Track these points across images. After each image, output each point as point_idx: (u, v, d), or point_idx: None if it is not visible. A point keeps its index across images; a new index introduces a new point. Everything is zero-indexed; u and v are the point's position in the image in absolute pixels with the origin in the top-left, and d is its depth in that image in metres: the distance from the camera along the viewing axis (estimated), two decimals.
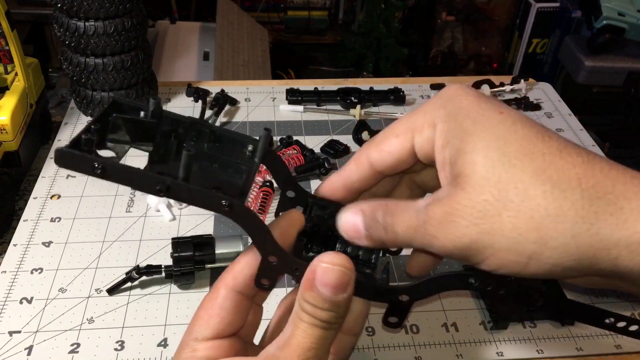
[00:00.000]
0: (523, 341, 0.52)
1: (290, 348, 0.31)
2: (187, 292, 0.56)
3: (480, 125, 0.31)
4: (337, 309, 0.32)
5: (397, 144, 0.35)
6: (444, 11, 2.28)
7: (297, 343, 0.31)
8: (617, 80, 1.66)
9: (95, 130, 0.35)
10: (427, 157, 0.35)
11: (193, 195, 0.33)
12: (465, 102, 0.33)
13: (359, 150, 0.37)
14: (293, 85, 0.85)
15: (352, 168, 0.37)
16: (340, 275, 0.32)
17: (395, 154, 0.35)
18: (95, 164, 0.32)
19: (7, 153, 0.67)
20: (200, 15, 2.20)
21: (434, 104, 0.34)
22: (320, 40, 2.46)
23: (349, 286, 0.32)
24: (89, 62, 0.72)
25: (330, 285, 0.32)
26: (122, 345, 0.51)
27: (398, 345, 0.51)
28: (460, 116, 0.32)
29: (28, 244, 0.59)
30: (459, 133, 0.32)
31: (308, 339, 0.32)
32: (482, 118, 0.32)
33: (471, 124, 0.32)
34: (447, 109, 0.33)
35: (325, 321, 0.32)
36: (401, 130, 0.35)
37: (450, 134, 0.32)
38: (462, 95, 0.33)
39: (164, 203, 0.64)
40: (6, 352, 0.50)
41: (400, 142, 0.35)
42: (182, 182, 0.32)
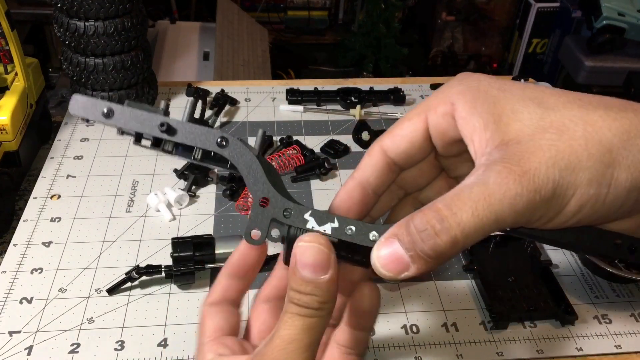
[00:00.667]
0: (523, 341, 0.52)
1: (273, 342, 0.30)
2: (187, 292, 0.56)
3: (509, 92, 0.32)
4: (320, 292, 0.30)
5: (410, 125, 0.35)
6: (444, 11, 2.28)
7: (280, 336, 0.30)
8: (617, 80, 1.66)
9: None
10: (442, 135, 0.34)
11: (192, 132, 0.35)
12: (482, 78, 0.33)
13: (372, 145, 0.37)
14: (293, 85, 0.85)
15: (366, 161, 0.36)
16: (317, 252, 0.30)
17: (408, 136, 0.35)
18: (105, 109, 0.34)
19: (7, 153, 0.67)
20: (200, 15, 2.20)
21: (447, 85, 0.34)
22: (320, 40, 2.46)
23: (329, 267, 0.30)
24: (89, 62, 0.72)
25: (308, 265, 0.30)
26: (122, 345, 0.51)
27: (398, 345, 0.51)
28: (483, 87, 0.32)
29: (28, 244, 0.59)
30: (488, 100, 0.31)
31: (291, 329, 0.30)
32: (506, 86, 0.32)
33: (498, 91, 0.32)
34: (464, 84, 0.33)
35: (309, 307, 0.30)
36: (414, 113, 0.35)
37: (476, 102, 0.32)
38: (476, 74, 0.34)
39: (164, 203, 0.64)
40: (6, 352, 0.50)
41: (413, 123, 0.35)
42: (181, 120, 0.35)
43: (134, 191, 0.67)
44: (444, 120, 0.33)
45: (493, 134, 0.31)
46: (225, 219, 0.64)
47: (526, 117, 0.30)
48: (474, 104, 0.32)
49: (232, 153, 0.34)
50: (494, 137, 0.31)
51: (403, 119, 0.36)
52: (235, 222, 0.63)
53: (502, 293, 0.55)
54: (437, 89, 0.35)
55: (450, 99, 0.33)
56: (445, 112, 0.33)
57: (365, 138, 0.74)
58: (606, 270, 0.56)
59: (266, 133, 0.38)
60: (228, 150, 0.34)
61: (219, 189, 0.68)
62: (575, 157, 0.29)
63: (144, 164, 0.71)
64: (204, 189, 0.68)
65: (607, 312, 0.55)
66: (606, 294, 0.57)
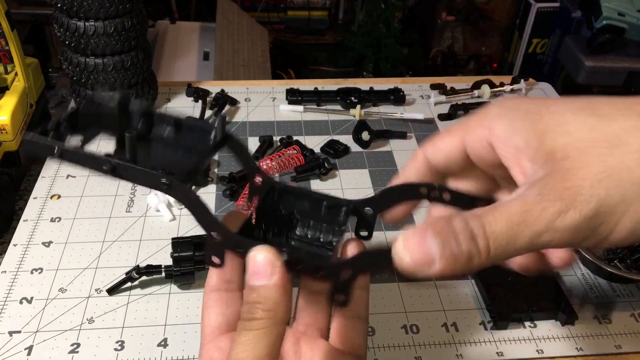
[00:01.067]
0: (523, 341, 0.52)
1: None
2: (187, 292, 0.56)
3: (554, 105, 0.30)
4: (264, 299, 0.29)
5: (449, 140, 0.35)
6: (444, 11, 2.28)
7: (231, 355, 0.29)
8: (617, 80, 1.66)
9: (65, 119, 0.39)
10: (480, 159, 0.33)
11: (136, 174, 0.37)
12: (521, 99, 0.32)
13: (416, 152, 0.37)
14: (293, 85, 0.85)
15: (410, 165, 0.37)
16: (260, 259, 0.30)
17: (446, 150, 0.35)
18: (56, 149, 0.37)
19: (7, 153, 0.67)
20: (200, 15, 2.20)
21: (486, 107, 0.33)
22: (320, 40, 2.46)
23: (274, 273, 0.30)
24: (89, 62, 0.72)
25: (255, 272, 0.30)
26: (122, 345, 0.51)
27: (398, 345, 0.51)
28: (523, 106, 0.31)
29: (28, 244, 0.60)
30: (529, 118, 0.30)
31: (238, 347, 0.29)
32: (550, 101, 0.31)
33: (540, 107, 0.30)
34: (503, 106, 0.32)
35: (256, 318, 0.29)
36: (455, 130, 0.35)
37: (515, 123, 0.30)
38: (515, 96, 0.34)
39: (164, 203, 0.64)
40: (6, 352, 0.50)
41: (452, 139, 0.34)
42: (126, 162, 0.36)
43: (134, 191, 0.67)
44: (480, 145, 0.33)
45: (536, 153, 0.29)
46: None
47: (575, 130, 0.29)
48: (513, 124, 0.30)
49: (176, 194, 0.36)
50: (538, 155, 0.29)
51: (445, 133, 0.35)
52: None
53: (501, 293, 0.55)
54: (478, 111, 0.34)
55: (487, 123, 0.32)
56: (481, 136, 0.32)
57: (365, 138, 0.74)
58: (606, 270, 0.56)
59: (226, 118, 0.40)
60: (173, 192, 0.36)
61: (219, 189, 0.68)
62: (627, 172, 0.27)
63: None
64: (204, 189, 0.68)
65: (607, 312, 0.55)
66: (606, 294, 0.57)
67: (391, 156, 0.74)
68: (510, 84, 0.87)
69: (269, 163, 0.69)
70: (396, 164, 0.73)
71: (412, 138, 0.77)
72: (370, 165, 0.72)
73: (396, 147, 0.76)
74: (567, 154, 0.28)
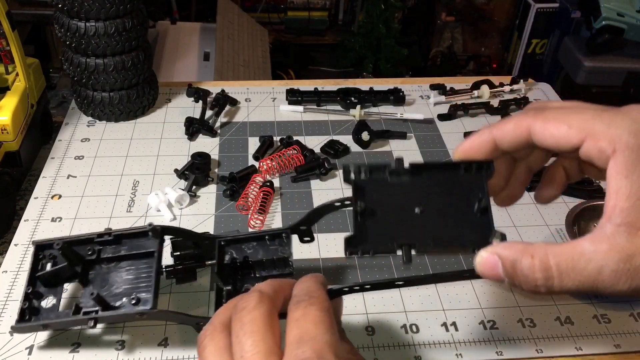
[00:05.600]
0: (522, 340, 0.52)
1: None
2: (188, 292, 0.56)
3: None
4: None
5: (566, 134, 0.35)
6: (443, 11, 2.28)
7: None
8: (617, 80, 1.67)
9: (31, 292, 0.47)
10: (587, 158, 0.35)
11: (116, 319, 0.46)
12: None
13: (524, 115, 0.38)
14: (293, 86, 0.85)
15: (510, 128, 0.38)
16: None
17: (558, 141, 0.36)
18: (41, 326, 0.46)
19: (8, 153, 0.67)
20: (200, 15, 2.20)
21: (623, 123, 0.34)
22: (320, 40, 2.46)
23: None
24: (90, 63, 0.72)
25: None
26: (122, 345, 0.51)
27: (398, 345, 0.52)
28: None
29: (29, 243, 0.60)
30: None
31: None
32: None
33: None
34: (638, 138, 0.33)
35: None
36: (576, 125, 0.35)
37: (636, 167, 0.32)
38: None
39: (165, 203, 0.64)
40: (7, 352, 0.50)
41: (570, 134, 0.35)
42: (102, 313, 0.44)
43: (135, 191, 0.67)
44: (597, 155, 0.34)
45: (629, 210, 0.32)
46: (226, 218, 0.64)
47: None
48: (634, 168, 0.32)
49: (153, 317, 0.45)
50: (629, 214, 0.32)
51: (562, 120, 0.36)
52: (235, 222, 0.63)
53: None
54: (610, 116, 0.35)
55: (615, 144, 0.33)
56: (603, 150, 0.34)
57: (365, 138, 0.74)
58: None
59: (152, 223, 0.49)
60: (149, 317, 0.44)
61: (219, 189, 0.68)
62: None
63: (145, 164, 0.71)
64: (204, 189, 0.68)
65: (606, 312, 0.55)
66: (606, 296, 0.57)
67: (391, 156, 0.74)
68: (509, 84, 0.87)
69: (269, 163, 0.69)
70: None
71: (412, 138, 0.77)
72: None
73: (396, 148, 0.76)
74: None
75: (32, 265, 0.48)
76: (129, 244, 0.48)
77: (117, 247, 0.49)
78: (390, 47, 2.18)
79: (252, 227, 0.62)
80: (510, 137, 0.38)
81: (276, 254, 0.47)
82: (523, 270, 0.33)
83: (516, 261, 0.33)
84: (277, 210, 0.65)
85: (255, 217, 0.63)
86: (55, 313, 0.46)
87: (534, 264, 0.33)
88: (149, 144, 0.74)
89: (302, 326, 0.32)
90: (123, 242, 0.48)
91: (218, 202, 0.66)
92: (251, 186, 0.66)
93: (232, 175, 0.68)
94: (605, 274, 0.31)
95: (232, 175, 0.68)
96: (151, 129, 0.77)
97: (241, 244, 0.48)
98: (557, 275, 0.32)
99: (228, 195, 0.66)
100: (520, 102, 0.83)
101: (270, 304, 0.34)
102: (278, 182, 0.69)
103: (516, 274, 0.33)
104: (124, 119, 0.78)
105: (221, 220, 0.63)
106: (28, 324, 0.45)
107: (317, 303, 0.33)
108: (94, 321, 0.44)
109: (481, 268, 0.35)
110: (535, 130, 0.37)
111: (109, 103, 0.76)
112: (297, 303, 0.34)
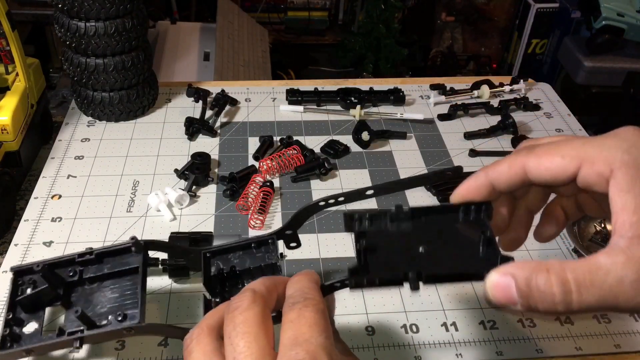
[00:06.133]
0: (522, 340, 0.52)
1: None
2: (187, 292, 0.56)
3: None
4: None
5: (561, 164, 0.36)
6: (443, 11, 2.28)
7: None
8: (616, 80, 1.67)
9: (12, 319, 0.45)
10: (587, 185, 0.35)
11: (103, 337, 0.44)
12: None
13: (516, 154, 0.38)
14: (293, 86, 0.85)
15: (504, 169, 0.38)
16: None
17: (554, 173, 0.36)
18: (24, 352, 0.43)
19: (8, 153, 0.67)
20: (200, 15, 2.20)
21: (614, 143, 0.34)
22: (320, 40, 2.46)
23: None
24: (90, 63, 0.72)
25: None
26: (123, 344, 0.51)
27: (398, 345, 0.52)
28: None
29: (29, 243, 0.60)
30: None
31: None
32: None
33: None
34: (632, 154, 0.33)
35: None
36: (569, 154, 0.35)
37: (637, 182, 0.33)
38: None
39: (165, 203, 0.64)
40: None
41: (564, 164, 0.35)
42: (87, 332, 0.42)
43: (135, 191, 0.67)
44: (596, 180, 0.34)
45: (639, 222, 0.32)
46: (226, 218, 0.64)
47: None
48: (635, 182, 0.33)
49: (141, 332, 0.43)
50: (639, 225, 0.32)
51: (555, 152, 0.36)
52: (235, 222, 0.63)
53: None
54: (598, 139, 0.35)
55: (611, 164, 0.34)
56: (601, 173, 0.34)
57: (365, 138, 0.74)
58: None
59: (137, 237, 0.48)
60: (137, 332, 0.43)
61: (219, 189, 0.68)
62: None
63: (145, 164, 0.71)
64: (204, 189, 0.68)
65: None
66: None
67: (391, 156, 0.74)
68: (509, 84, 0.87)
69: (269, 163, 0.69)
70: (396, 164, 0.73)
71: (412, 138, 0.77)
72: (370, 165, 0.73)
73: (396, 147, 0.76)
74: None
75: (12, 291, 0.46)
76: (112, 262, 0.47)
77: (100, 266, 0.47)
78: (390, 47, 2.18)
79: (252, 227, 0.63)
80: (505, 177, 0.38)
81: (264, 261, 0.46)
82: (539, 287, 0.31)
83: (531, 279, 0.32)
84: (277, 210, 0.65)
85: (255, 217, 0.63)
86: (38, 337, 0.44)
87: (550, 279, 0.31)
88: (149, 144, 0.74)
89: (296, 328, 0.32)
90: (105, 260, 0.47)
91: (218, 202, 0.66)
92: (251, 186, 0.66)
93: (232, 175, 0.68)
94: (626, 284, 0.31)
95: (232, 175, 0.68)
96: (151, 129, 0.77)
97: (227, 254, 0.47)
98: (575, 290, 0.31)
99: (228, 195, 0.66)
100: (521, 102, 0.83)
101: (264, 303, 0.34)
102: (278, 182, 0.69)
103: (531, 293, 0.32)
104: (124, 119, 0.78)
105: (221, 220, 0.63)
106: (9, 350, 0.43)
107: (311, 305, 0.33)
108: (79, 341, 0.42)
109: (493, 292, 0.33)
110: (530, 167, 0.37)
111: (109, 103, 0.76)
112: (292, 305, 0.34)
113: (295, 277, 0.37)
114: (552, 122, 0.81)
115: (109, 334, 0.43)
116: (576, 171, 0.35)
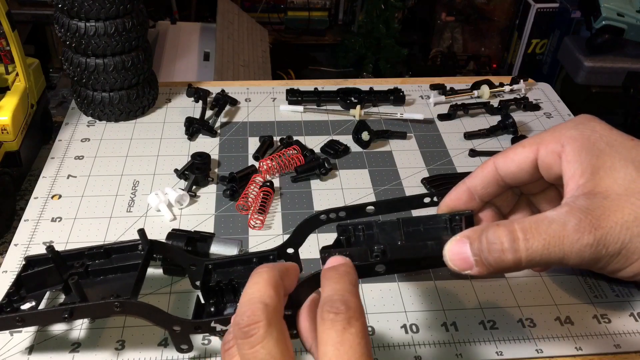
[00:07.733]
0: (522, 340, 0.52)
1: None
2: (187, 292, 0.56)
3: (616, 148, 0.36)
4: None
5: (523, 153, 0.40)
6: (443, 11, 2.28)
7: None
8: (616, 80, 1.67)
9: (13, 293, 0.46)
10: (548, 168, 0.39)
11: (92, 309, 0.44)
12: (598, 127, 0.38)
13: (488, 159, 0.42)
14: (293, 86, 0.85)
15: (478, 172, 0.42)
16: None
17: (519, 162, 0.40)
18: (17, 318, 0.44)
19: (8, 153, 0.67)
20: (200, 15, 2.20)
21: (564, 124, 0.39)
22: (320, 40, 2.46)
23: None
24: (90, 63, 0.72)
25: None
26: (122, 345, 0.51)
27: (398, 345, 0.52)
28: (593, 137, 0.37)
29: (29, 243, 0.60)
30: (593, 151, 0.36)
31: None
32: (615, 142, 0.36)
33: (606, 146, 0.36)
34: (579, 129, 0.37)
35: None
36: (528, 143, 0.40)
37: (582, 151, 0.36)
38: (594, 121, 0.38)
39: (165, 203, 0.64)
40: (7, 351, 0.50)
41: (525, 152, 0.40)
42: (79, 303, 0.43)
43: (135, 191, 0.67)
44: (552, 158, 0.38)
45: (586, 182, 0.35)
46: (226, 218, 0.64)
47: (620, 177, 0.34)
48: (580, 152, 0.36)
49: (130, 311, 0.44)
50: (586, 185, 0.35)
51: (518, 145, 0.41)
52: (235, 222, 0.63)
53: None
54: (554, 127, 0.40)
55: (561, 140, 0.38)
56: (554, 150, 0.38)
57: (365, 138, 0.74)
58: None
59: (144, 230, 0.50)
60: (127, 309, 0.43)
61: (219, 189, 0.68)
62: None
63: (145, 164, 0.71)
64: (204, 189, 0.68)
65: (606, 312, 0.55)
66: (605, 294, 0.57)
67: (391, 156, 0.74)
68: (509, 84, 0.87)
69: (269, 163, 0.69)
70: (396, 164, 0.73)
71: (412, 138, 0.77)
72: (370, 165, 0.73)
73: (396, 147, 0.76)
74: (607, 194, 0.34)
75: (20, 271, 0.49)
76: (117, 258, 0.49)
77: (105, 262, 0.49)
78: (390, 47, 2.18)
79: (252, 227, 0.63)
80: (479, 179, 0.42)
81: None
82: (489, 238, 0.35)
83: (482, 234, 0.35)
84: (277, 210, 0.65)
85: (255, 217, 0.63)
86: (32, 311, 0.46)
87: (498, 230, 0.35)
88: (149, 144, 0.74)
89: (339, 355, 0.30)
90: (112, 257, 0.49)
91: (218, 202, 0.66)
92: (251, 186, 0.66)
93: (232, 175, 0.68)
94: (569, 227, 0.33)
95: (232, 175, 0.68)
96: (151, 129, 0.77)
97: (228, 267, 0.47)
98: (522, 237, 0.34)
99: (228, 195, 0.66)
100: (521, 102, 0.83)
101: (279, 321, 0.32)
102: (278, 182, 0.69)
103: (482, 246, 0.35)
104: (124, 119, 0.78)
105: (221, 220, 0.63)
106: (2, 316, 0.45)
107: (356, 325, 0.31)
108: (69, 312, 0.42)
109: (451, 257, 0.36)
110: (499, 163, 0.41)
111: (109, 103, 0.76)
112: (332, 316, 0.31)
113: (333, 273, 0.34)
114: (552, 122, 0.81)
115: (99, 307, 0.44)
116: (536, 156, 0.39)
